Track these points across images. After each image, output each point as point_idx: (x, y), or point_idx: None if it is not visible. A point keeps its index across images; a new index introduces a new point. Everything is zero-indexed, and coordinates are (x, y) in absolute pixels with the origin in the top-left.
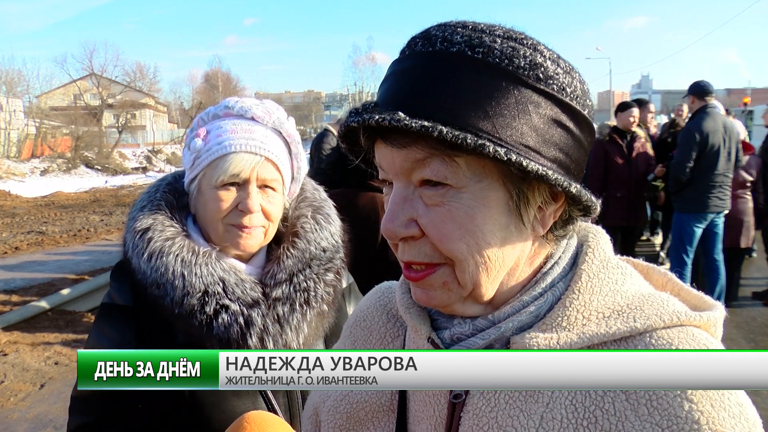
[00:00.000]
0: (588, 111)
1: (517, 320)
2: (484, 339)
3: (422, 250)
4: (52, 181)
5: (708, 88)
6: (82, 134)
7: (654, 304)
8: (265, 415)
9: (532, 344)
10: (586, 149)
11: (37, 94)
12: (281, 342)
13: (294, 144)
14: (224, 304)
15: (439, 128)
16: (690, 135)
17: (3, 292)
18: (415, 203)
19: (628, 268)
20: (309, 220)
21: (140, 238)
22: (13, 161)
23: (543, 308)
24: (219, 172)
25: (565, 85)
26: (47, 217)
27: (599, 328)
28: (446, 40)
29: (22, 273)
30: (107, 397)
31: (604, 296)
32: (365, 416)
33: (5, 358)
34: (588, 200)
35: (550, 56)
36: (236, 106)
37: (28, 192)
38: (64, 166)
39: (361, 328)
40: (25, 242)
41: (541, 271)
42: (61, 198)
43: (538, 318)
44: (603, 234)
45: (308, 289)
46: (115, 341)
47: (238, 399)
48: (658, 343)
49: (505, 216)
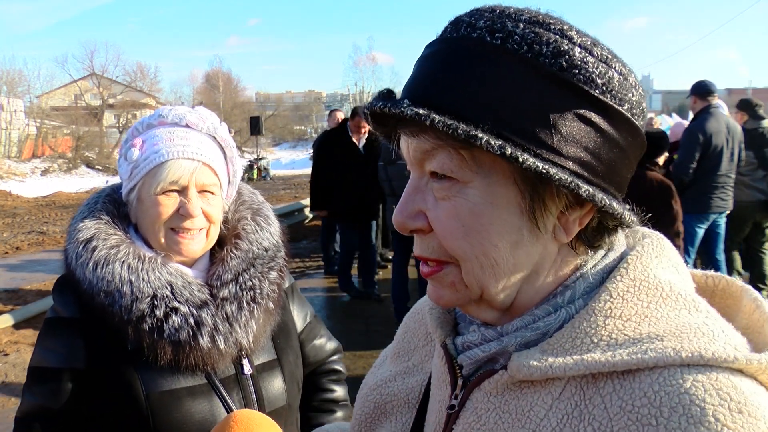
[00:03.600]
0: (629, 106)
1: (521, 335)
2: (485, 351)
3: (430, 245)
4: (53, 181)
5: (711, 87)
6: (83, 134)
7: (687, 336)
8: (252, 413)
9: (526, 366)
10: (625, 150)
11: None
12: (231, 340)
13: (229, 148)
14: (174, 306)
15: (432, 117)
16: (693, 135)
17: (4, 292)
18: (427, 195)
19: (674, 291)
20: (249, 221)
21: (84, 248)
22: (14, 161)
23: (552, 326)
24: (158, 179)
25: (596, 75)
26: (48, 217)
27: (602, 356)
28: (470, 26)
29: (23, 273)
30: (52, 415)
31: (625, 321)
32: (391, 409)
33: (6, 357)
34: (615, 210)
35: (581, 42)
36: (170, 114)
37: (29, 192)
38: (65, 166)
39: (414, 321)
40: (26, 242)
41: (565, 282)
42: (62, 198)
43: (545, 336)
44: (657, 246)
45: (254, 287)
46: (63, 355)
47: (194, 399)
48: (665, 384)
49: (516, 217)
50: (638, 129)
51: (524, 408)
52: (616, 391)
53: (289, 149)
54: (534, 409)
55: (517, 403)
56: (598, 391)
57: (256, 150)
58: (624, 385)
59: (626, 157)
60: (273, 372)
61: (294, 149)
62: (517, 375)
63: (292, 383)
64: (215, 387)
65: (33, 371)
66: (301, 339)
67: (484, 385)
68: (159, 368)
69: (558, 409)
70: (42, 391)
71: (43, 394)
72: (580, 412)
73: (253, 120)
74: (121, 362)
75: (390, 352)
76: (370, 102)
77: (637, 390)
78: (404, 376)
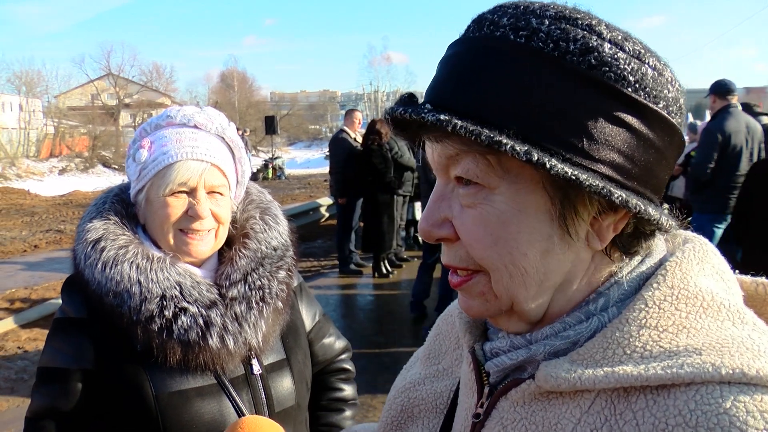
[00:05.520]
0: (665, 104)
1: (550, 344)
2: (512, 359)
3: (458, 254)
4: (70, 180)
5: (730, 86)
6: (100, 134)
7: (728, 350)
8: (259, 420)
9: (554, 376)
10: (661, 150)
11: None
12: (240, 340)
13: (237, 149)
14: (183, 306)
15: (454, 122)
16: (711, 135)
17: (23, 290)
18: (452, 202)
19: (716, 300)
20: (258, 221)
21: (92, 249)
22: (32, 160)
23: (583, 335)
24: (167, 181)
25: (628, 72)
26: (65, 216)
27: (635, 369)
28: (493, 24)
29: (41, 271)
30: (62, 416)
31: (661, 331)
32: (418, 413)
33: (26, 354)
34: (651, 215)
35: (611, 38)
36: (178, 115)
37: (47, 191)
38: (82, 165)
39: (446, 324)
40: (44, 240)
41: (598, 289)
42: (79, 197)
43: (576, 345)
44: (699, 251)
45: (263, 287)
46: (72, 355)
47: (203, 400)
48: (702, 402)
49: (546, 224)
50: (675, 128)
51: (551, 420)
52: (648, 407)
53: (303, 148)
54: (561, 422)
55: (544, 415)
56: (630, 406)
57: (271, 149)
58: (657, 401)
59: (663, 157)
60: (282, 372)
61: (309, 148)
62: (544, 385)
63: (301, 383)
64: (224, 387)
65: (42, 371)
66: (310, 338)
67: (511, 395)
68: (168, 369)
69: (587, 423)
70: (51, 392)
71: (53, 394)
72: (610, 428)
73: (268, 119)
74: (130, 363)
75: (421, 354)
76: (391, 107)
77: (672, 407)
78: (433, 380)
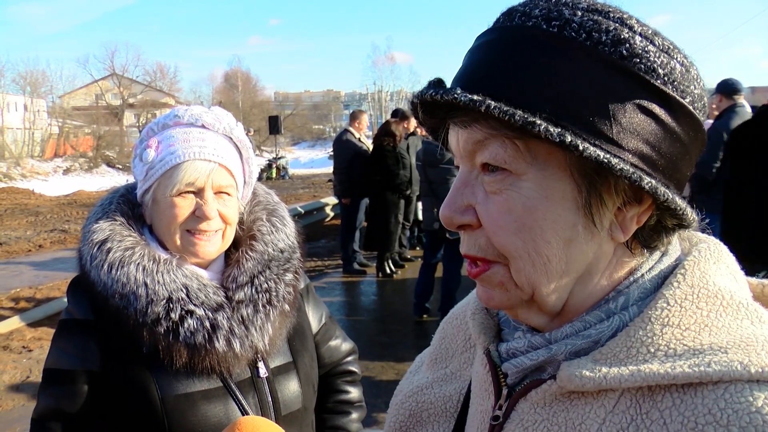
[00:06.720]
0: (691, 99)
1: (571, 343)
2: (532, 360)
3: (477, 242)
4: (75, 180)
5: (736, 86)
6: (104, 134)
7: (754, 348)
8: (257, 420)
9: (578, 376)
10: (686, 145)
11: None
12: (247, 343)
13: (245, 149)
14: (189, 309)
15: (487, 103)
16: (717, 134)
17: (28, 289)
18: (476, 189)
19: (735, 299)
20: (265, 222)
21: (98, 250)
22: (36, 160)
23: (605, 333)
24: (174, 181)
25: (657, 65)
26: (70, 216)
27: (661, 367)
28: (524, 14)
29: (45, 270)
30: (68, 417)
31: (684, 330)
32: (427, 417)
33: (30, 354)
34: (678, 207)
35: (642, 31)
36: (186, 114)
37: (51, 191)
38: (86, 165)
39: (452, 326)
40: (49, 240)
41: (618, 287)
42: (83, 197)
43: (597, 344)
44: (714, 251)
45: (270, 290)
46: (78, 357)
47: (209, 403)
48: (732, 401)
49: (571, 213)
50: (700, 124)
51: (575, 421)
52: (676, 405)
53: (307, 148)
54: (586, 422)
55: (567, 416)
56: (656, 405)
57: (275, 149)
58: (685, 399)
59: (687, 152)
60: (289, 375)
61: (313, 148)
62: (567, 386)
63: (307, 385)
64: (231, 390)
65: (48, 373)
66: (317, 340)
67: (531, 396)
68: (174, 371)
69: (612, 422)
70: (57, 393)
71: (59, 395)
72: (636, 427)
73: (272, 119)
74: (136, 365)
75: (426, 358)
76: (420, 91)
77: (701, 406)
78: (441, 384)
